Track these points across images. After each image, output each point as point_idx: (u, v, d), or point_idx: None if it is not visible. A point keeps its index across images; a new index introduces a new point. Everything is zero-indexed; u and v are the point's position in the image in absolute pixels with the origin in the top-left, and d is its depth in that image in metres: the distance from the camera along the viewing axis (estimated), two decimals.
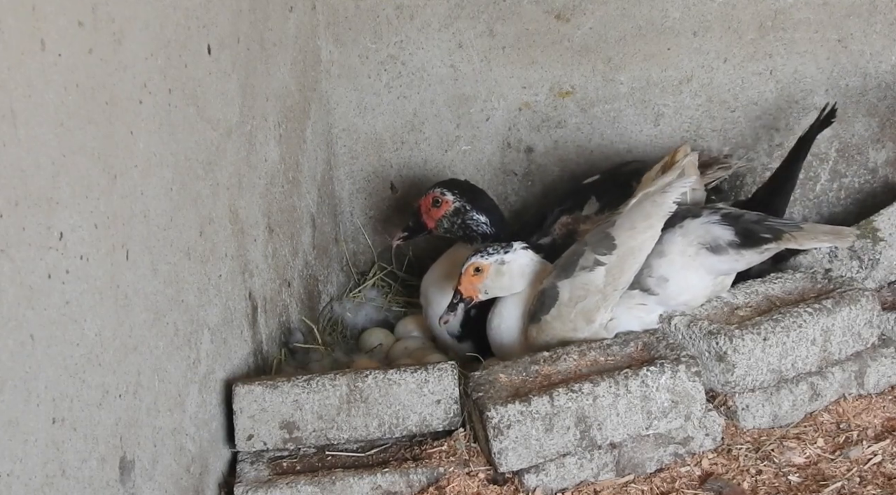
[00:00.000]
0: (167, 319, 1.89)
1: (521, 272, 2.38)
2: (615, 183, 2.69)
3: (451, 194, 2.72)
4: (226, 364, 2.18)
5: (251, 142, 2.38)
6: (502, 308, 2.42)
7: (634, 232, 2.25)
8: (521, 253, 2.39)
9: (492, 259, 2.38)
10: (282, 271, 2.59)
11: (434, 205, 2.72)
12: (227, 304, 2.20)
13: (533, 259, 2.40)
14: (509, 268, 2.37)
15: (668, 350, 2.19)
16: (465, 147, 3.04)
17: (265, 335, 2.44)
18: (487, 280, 2.38)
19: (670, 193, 2.28)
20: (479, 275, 2.38)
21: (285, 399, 2.16)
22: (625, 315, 2.29)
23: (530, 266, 2.39)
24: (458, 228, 2.72)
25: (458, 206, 2.71)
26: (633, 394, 2.10)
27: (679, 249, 2.28)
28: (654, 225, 2.25)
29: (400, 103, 2.99)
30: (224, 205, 2.20)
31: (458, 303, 2.40)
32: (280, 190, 2.60)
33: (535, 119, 2.99)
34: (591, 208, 2.65)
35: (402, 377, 2.17)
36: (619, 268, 2.24)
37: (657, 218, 2.25)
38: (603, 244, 2.27)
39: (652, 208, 2.26)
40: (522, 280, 2.38)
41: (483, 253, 2.39)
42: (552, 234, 2.64)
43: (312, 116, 2.89)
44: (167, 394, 1.88)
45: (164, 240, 1.88)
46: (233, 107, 2.26)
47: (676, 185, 2.29)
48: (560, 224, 2.64)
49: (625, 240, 2.25)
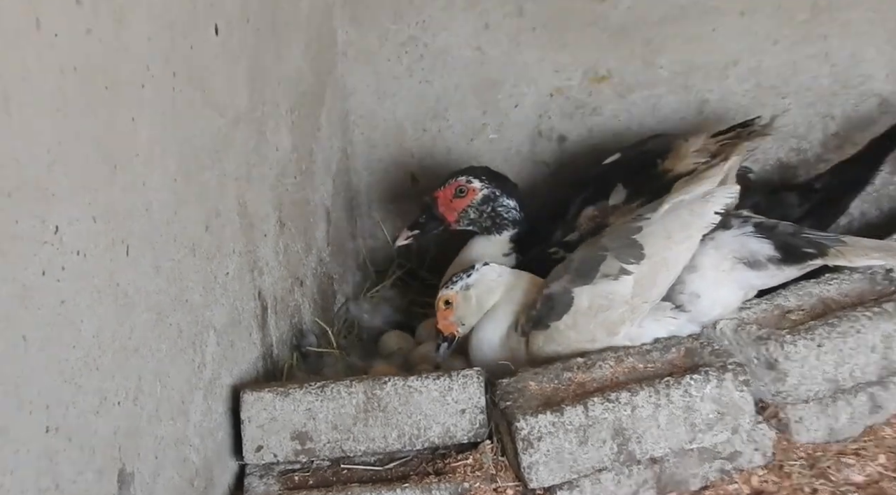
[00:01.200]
0: (170, 320, 1.89)
1: (489, 288, 2.41)
2: (640, 163, 2.66)
3: (478, 181, 2.70)
4: (233, 368, 2.18)
5: (261, 130, 2.39)
6: (479, 328, 2.43)
7: (670, 242, 2.24)
8: (485, 270, 2.42)
9: (456, 287, 2.41)
10: (294, 269, 2.59)
11: (458, 196, 2.70)
12: (235, 304, 2.20)
13: (500, 271, 2.42)
14: (476, 290, 2.40)
15: (714, 356, 2.18)
16: (492, 135, 3.04)
17: (275, 337, 2.44)
18: (459, 310, 2.41)
19: (713, 204, 2.27)
20: (449, 308, 2.42)
21: (297, 407, 2.16)
22: (653, 326, 2.28)
23: (498, 279, 2.41)
24: (487, 217, 2.71)
25: (487, 193, 2.70)
26: (675, 405, 2.09)
27: (712, 263, 2.27)
28: (693, 236, 2.24)
29: (422, 88, 2.99)
30: (232, 197, 2.20)
31: (441, 344, 2.44)
32: (292, 181, 2.60)
33: (568, 106, 2.98)
34: (618, 197, 2.63)
35: (424, 384, 2.16)
36: (650, 279, 2.24)
37: (696, 229, 2.25)
38: (629, 251, 2.26)
39: (691, 218, 2.26)
40: (493, 294, 2.41)
41: (448, 283, 2.43)
42: (578, 229, 2.63)
43: (327, 102, 2.89)
44: (170, 401, 1.88)
45: (167, 235, 1.88)
46: (241, 92, 2.26)
47: (720, 196, 2.28)
48: (586, 217, 2.63)
49: (657, 251, 2.24)
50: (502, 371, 2.25)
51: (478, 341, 2.42)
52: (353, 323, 2.86)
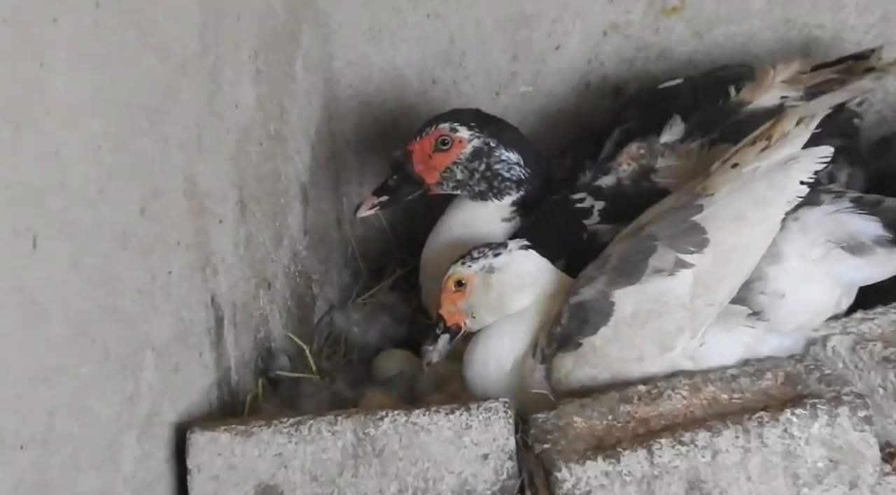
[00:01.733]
0: (93, 335, 1.88)
1: (521, 283, 2.39)
2: (708, 90, 2.65)
3: (466, 129, 2.68)
4: (178, 400, 2.18)
5: (216, 81, 2.38)
6: (489, 336, 2.41)
7: (742, 224, 2.24)
8: (520, 254, 2.40)
9: (476, 266, 2.39)
10: (259, 266, 2.58)
11: (439, 148, 2.68)
12: (181, 314, 2.20)
13: (541, 264, 2.40)
14: (502, 277, 2.38)
15: (823, 385, 2.17)
16: (524, 88, 3.04)
17: (235, 358, 2.44)
18: (473, 296, 2.39)
19: (797, 171, 2.25)
20: (461, 290, 2.40)
21: (264, 452, 2.16)
22: (723, 338, 2.28)
23: (537, 274, 2.39)
24: (480, 178, 2.70)
25: (478, 145, 2.68)
26: (772, 450, 2.08)
27: (798, 251, 2.28)
28: (773, 215, 2.24)
29: (431, 25, 2.99)
30: (177, 170, 2.19)
31: (441, 335, 2.42)
32: (257, 149, 2.59)
33: (627, 47, 2.98)
34: (673, 132, 2.62)
35: (434, 421, 2.16)
36: (715, 273, 2.24)
37: (777, 206, 2.24)
38: (687, 237, 2.25)
39: (769, 192, 2.25)
40: (523, 294, 2.38)
41: (465, 258, 2.40)
42: (615, 171, 2.62)
43: (304, 43, 2.88)
44: (92, 444, 1.87)
45: (89, 222, 1.87)
46: (190, 29, 2.26)
47: (807, 161, 2.26)
48: (628, 155, 2.62)
49: (725, 235, 2.24)
50: (536, 403, 2.25)
51: (482, 356, 2.40)
52: (340, 338, 2.86)
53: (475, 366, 2.41)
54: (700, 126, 2.59)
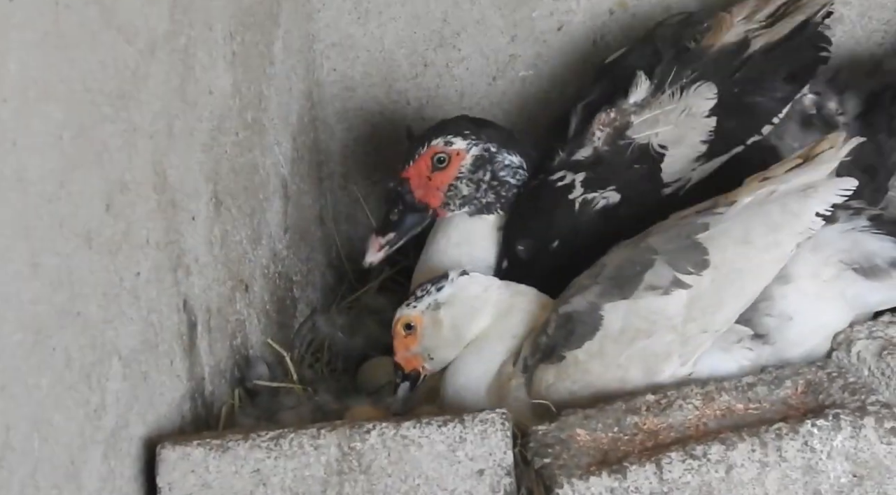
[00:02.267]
0: (53, 342, 1.88)
1: (472, 309, 2.43)
2: (665, 43, 2.71)
3: (460, 139, 2.68)
4: (146, 413, 2.18)
5: (188, 65, 2.38)
6: (462, 361, 2.45)
7: (749, 248, 2.25)
8: (463, 282, 2.44)
9: (422, 305, 2.44)
10: (235, 267, 2.59)
11: (437, 167, 2.68)
12: (150, 319, 2.20)
13: (486, 284, 2.45)
14: (451, 310, 2.42)
15: (847, 393, 2.17)
16: (523, 72, 3.04)
17: (209, 367, 2.44)
18: (426, 339, 2.44)
19: (815, 201, 2.25)
20: (412, 334, 2.45)
21: (241, 468, 2.16)
22: (717, 361, 2.29)
23: (484, 295, 2.43)
24: (487, 188, 2.70)
25: (478, 153, 2.68)
26: (791, 464, 2.08)
27: (809, 271, 2.30)
28: (784, 242, 2.25)
29: (422, 1, 3.00)
30: (145, 162, 2.19)
31: (399, 384, 2.48)
32: (233, 140, 2.59)
33: (637, 26, 2.98)
34: (641, 91, 2.66)
35: (425, 434, 2.17)
36: (714, 298, 2.25)
37: (790, 233, 2.25)
38: (687, 255, 2.27)
39: (782, 217, 2.26)
40: (478, 318, 2.43)
41: (409, 299, 2.45)
42: (591, 142, 2.64)
43: (284, 24, 2.88)
44: (53, 461, 1.87)
45: (48, 219, 1.87)
46: (159, 8, 2.25)
47: (827, 191, 2.26)
48: (600, 123, 2.65)
49: (729, 258, 2.25)
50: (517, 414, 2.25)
51: (456, 387, 2.43)
52: (323, 345, 2.87)
53: (452, 397, 2.45)
54: (667, 76, 2.63)
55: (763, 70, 2.63)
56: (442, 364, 2.47)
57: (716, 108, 2.60)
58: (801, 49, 2.64)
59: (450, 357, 2.46)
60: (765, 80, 2.63)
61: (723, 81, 2.61)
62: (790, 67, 2.63)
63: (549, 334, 2.34)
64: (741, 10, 2.70)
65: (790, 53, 2.64)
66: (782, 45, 2.64)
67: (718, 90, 2.60)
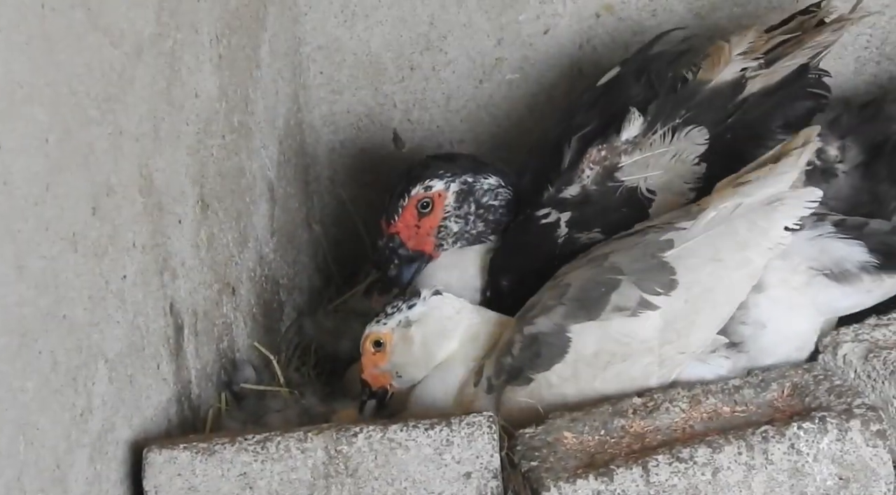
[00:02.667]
0: (39, 346, 1.87)
1: (442, 329, 2.43)
2: (659, 74, 2.67)
3: (437, 179, 2.65)
4: (132, 416, 2.18)
5: (174, 67, 2.38)
6: (428, 384, 2.44)
7: (719, 266, 2.26)
8: (435, 301, 2.44)
9: (392, 322, 2.43)
10: (222, 270, 2.59)
11: (422, 213, 2.66)
12: (136, 322, 2.19)
13: (459, 306, 2.45)
14: (422, 329, 2.42)
15: (834, 396, 2.17)
16: (510, 75, 3.04)
17: (196, 370, 2.44)
18: (395, 356, 2.43)
19: (782, 213, 2.25)
20: (381, 351, 2.44)
21: (227, 471, 2.16)
22: (695, 369, 2.30)
23: (456, 317, 2.43)
24: (476, 218, 2.67)
25: (458, 189, 2.65)
26: (777, 467, 2.08)
27: (780, 278, 2.30)
28: (754, 259, 2.26)
29: (409, 5, 2.99)
30: (131, 165, 2.19)
31: (366, 401, 2.47)
32: (219, 143, 2.59)
33: (623, 30, 2.98)
34: (633, 127, 2.63)
35: (412, 437, 2.17)
36: (688, 319, 2.26)
37: (757, 250, 2.26)
38: (653, 274, 2.27)
39: (750, 233, 2.26)
40: (448, 340, 2.43)
41: (380, 316, 2.45)
42: (580, 179, 2.63)
43: (271, 27, 2.88)
44: (39, 465, 1.86)
45: (34, 222, 1.86)
46: (146, 11, 2.25)
47: (794, 204, 2.26)
48: (590, 160, 2.63)
49: (698, 278, 2.26)
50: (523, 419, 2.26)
51: (423, 403, 2.42)
52: (310, 348, 2.86)
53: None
54: (661, 114, 2.60)
55: (757, 116, 2.60)
56: (410, 382, 2.46)
57: (706, 154, 2.57)
58: (798, 97, 2.60)
59: (418, 376, 2.45)
60: (758, 127, 2.60)
61: (715, 126, 2.59)
62: (786, 116, 2.60)
63: (514, 355, 2.33)
64: (740, 42, 2.65)
65: (786, 100, 2.61)
66: (779, 92, 2.61)
67: (710, 135, 2.58)
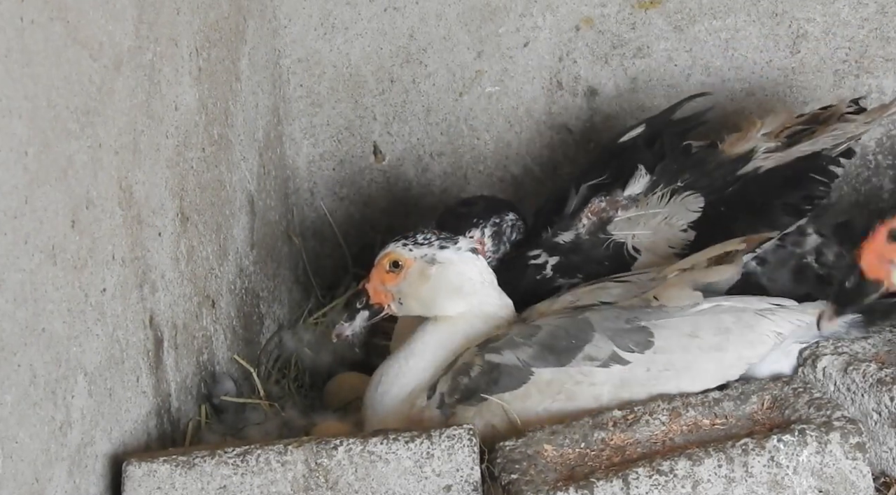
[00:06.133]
0: (17, 359, 1.87)
1: (458, 286, 2.40)
2: (673, 139, 2.70)
3: (476, 229, 2.71)
4: (112, 429, 2.17)
5: (153, 80, 2.38)
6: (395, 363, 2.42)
7: (694, 344, 2.29)
8: (467, 256, 2.42)
9: (418, 251, 2.40)
10: (202, 283, 2.59)
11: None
12: (115, 335, 2.19)
13: (484, 275, 2.42)
14: (441, 272, 2.39)
15: (813, 409, 2.18)
16: (490, 88, 3.04)
17: (175, 383, 2.43)
18: (406, 283, 2.40)
19: (771, 321, 2.32)
20: (395, 272, 2.41)
21: (207, 484, 2.16)
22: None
23: (477, 283, 2.41)
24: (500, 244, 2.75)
25: (492, 231, 2.72)
26: (757, 479, 2.09)
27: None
28: (728, 352, 2.29)
29: (389, 18, 2.99)
30: (111, 178, 2.18)
31: (360, 310, 2.43)
32: (199, 155, 2.59)
33: (602, 44, 2.98)
34: (638, 184, 2.67)
35: (392, 450, 2.17)
36: (645, 387, 2.29)
37: (736, 341, 2.29)
38: (630, 335, 2.30)
39: (734, 325, 2.31)
40: (457, 299, 2.40)
41: (409, 240, 2.41)
42: (577, 227, 2.66)
43: (250, 39, 2.88)
44: (18, 479, 1.86)
45: (13, 235, 1.86)
46: (124, 24, 2.25)
47: (786, 316, 2.33)
48: (590, 211, 2.67)
49: (673, 346, 2.29)
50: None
51: (382, 388, 2.41)
52: (290, 361, 2.86)
53: (373, 398, 2.43)
54: (665, 175, 2.64)
55: (757, 193, 2.62)
56: (405, 313, 2.43)
57: (697, 222, 2.60)
58: (800, 183, 2.61)
59: (415, 312, 2.42)
60: (756, 203, 2.60)
61: (711, 194, 2.61)
62: (784, 199, 2.61)
63: (471, 377, 2.34)
64: (773, 121, 2.67)
65: (788, 184, 2.61)
66: (782, 173, 2.62)
67: (705, 203, 2.60)
